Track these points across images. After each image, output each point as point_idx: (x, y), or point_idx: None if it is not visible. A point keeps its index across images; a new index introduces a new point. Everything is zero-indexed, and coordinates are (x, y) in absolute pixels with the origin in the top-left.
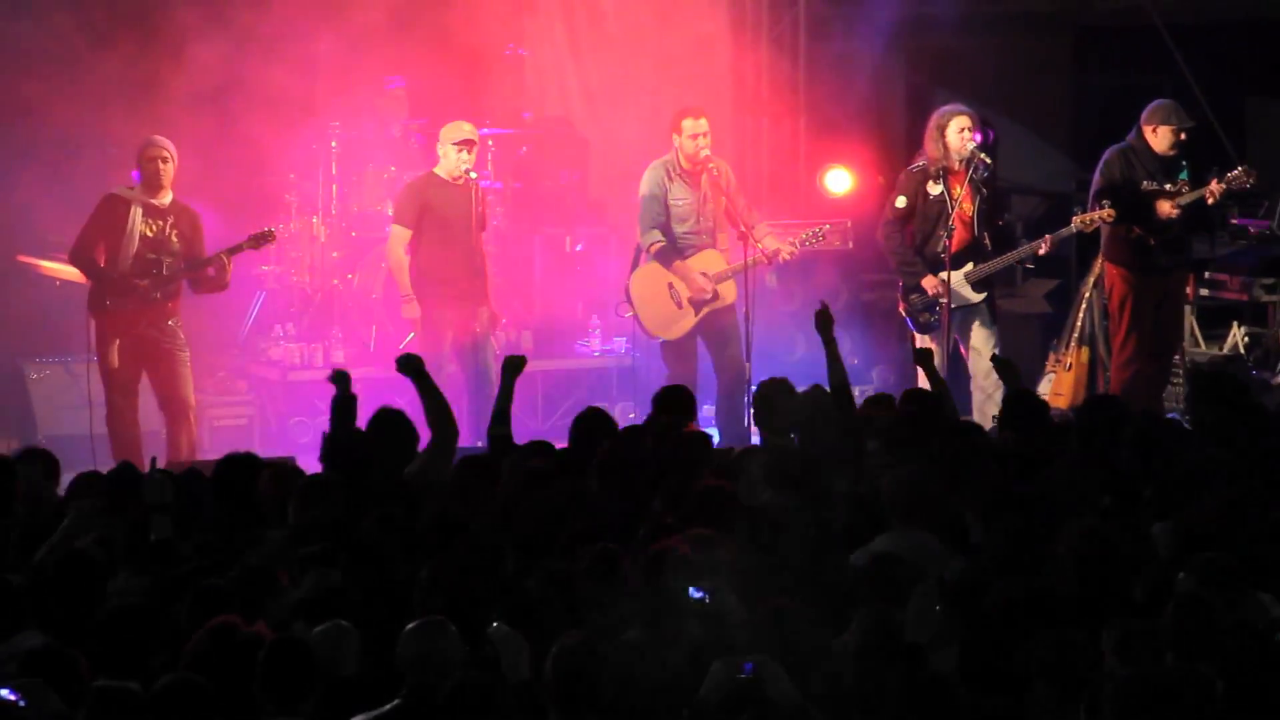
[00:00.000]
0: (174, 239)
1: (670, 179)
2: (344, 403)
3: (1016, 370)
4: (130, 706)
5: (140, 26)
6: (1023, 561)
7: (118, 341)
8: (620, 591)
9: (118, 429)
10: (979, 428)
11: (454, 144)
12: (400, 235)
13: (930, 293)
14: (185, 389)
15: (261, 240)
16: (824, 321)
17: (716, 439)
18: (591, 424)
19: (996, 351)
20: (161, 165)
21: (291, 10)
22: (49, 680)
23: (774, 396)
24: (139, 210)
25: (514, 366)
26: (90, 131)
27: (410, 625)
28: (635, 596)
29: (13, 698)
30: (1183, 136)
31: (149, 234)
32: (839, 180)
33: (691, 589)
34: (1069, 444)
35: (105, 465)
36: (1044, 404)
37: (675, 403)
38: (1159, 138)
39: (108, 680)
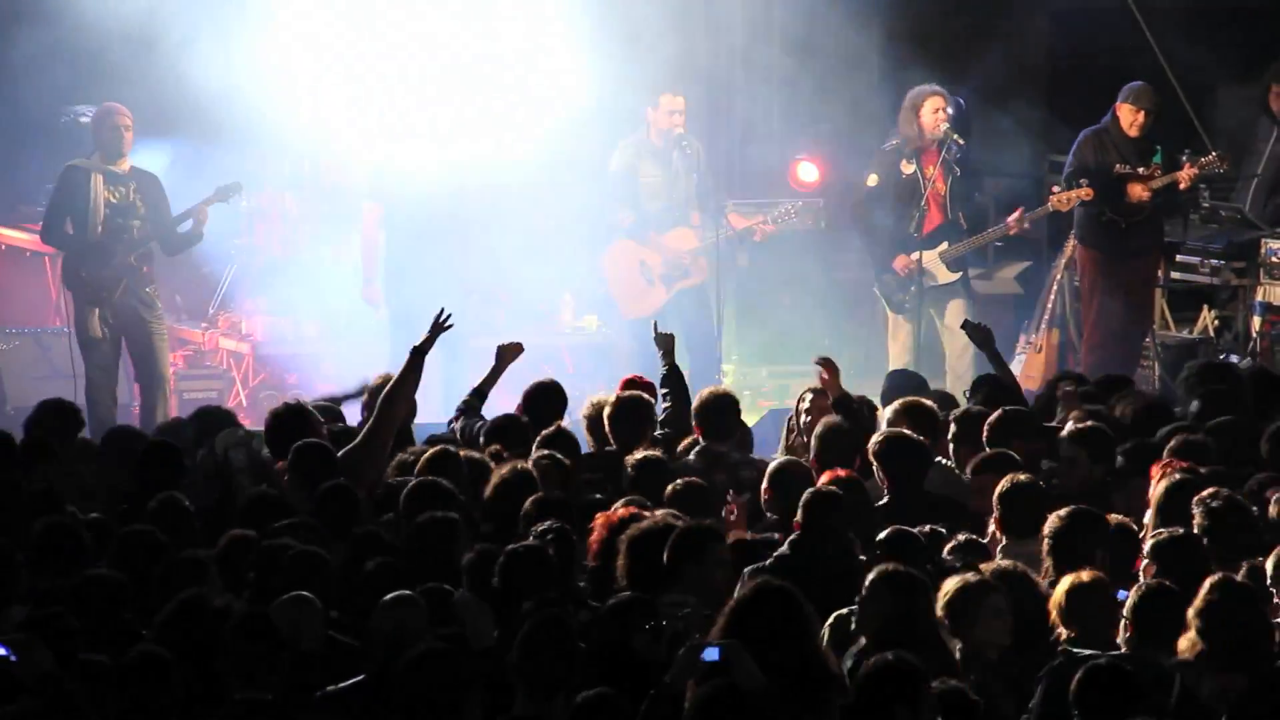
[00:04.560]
0: (139, 203)
1: (640, 156)
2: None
3: (990, 334)
4: (103, 678)
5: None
6: None
7: (96, 311)
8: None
9: (95, 401)
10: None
11: None
12: (370, 211)
13: (901, 273)
14: (162, 361)
15: (228, 192)
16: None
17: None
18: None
19: None
20: (125, 133)
21: None
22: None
23: None
24: (100, 178)
25: (509, 353)
26: (56, 101)
27: (384, 600)
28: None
29: (3, 653)
30: (1141, 116)
31: (114, 200)
32: (808, 171)
33: (706, 651)
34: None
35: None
36: (1014, 382)
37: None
38: (1122, 116)
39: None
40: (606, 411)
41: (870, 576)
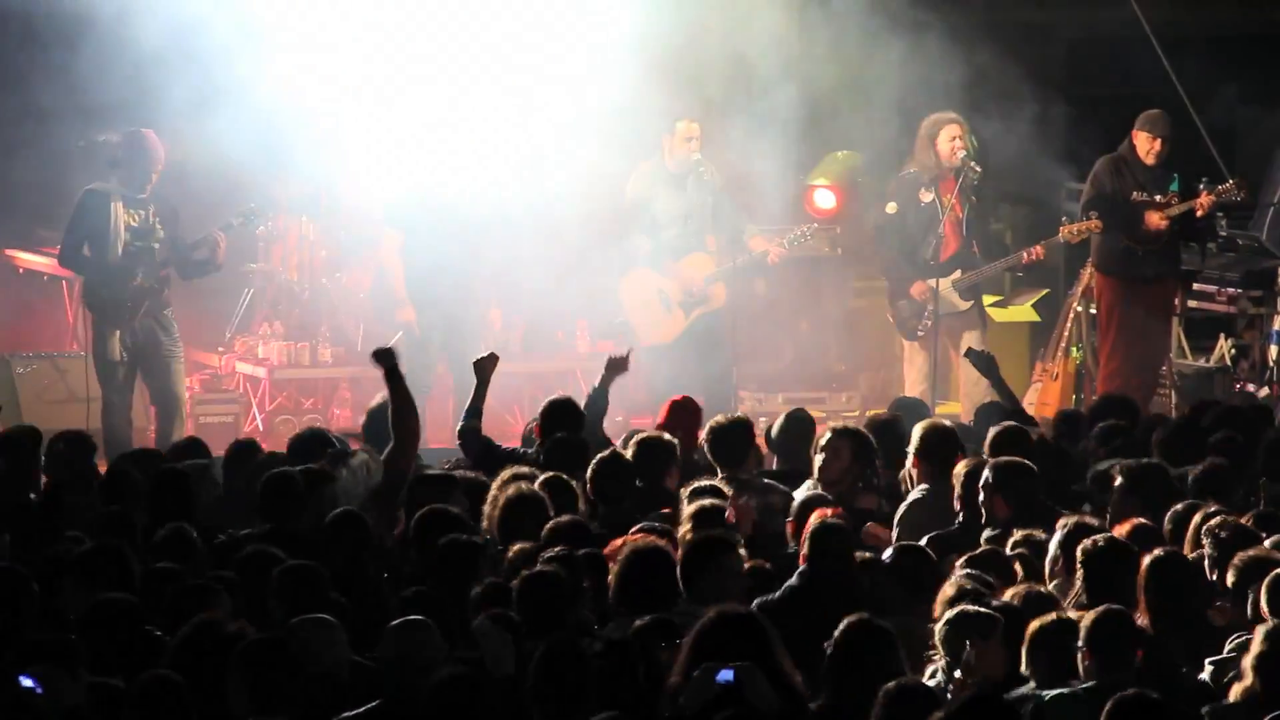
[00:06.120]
0: (158, 227)
1: (657, 183)
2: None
3: (993, 362)
4: (115, 703)
5: (128, 22)
6: None
7: (116, 334)
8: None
9: (112, 425)
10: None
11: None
12: (394, 236)
13: (917, 299)
14: (178, 385)
15: (252, 216)
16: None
17: None
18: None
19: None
20: (154, 173)
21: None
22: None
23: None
24: (120, 203)
25: (485, 367)
26: (75, 123)
27: (392, 624)
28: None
29: (30, 684)
30: (1158, 144)
31: (133, 223)
32: (825, 197)
33: (720, 673)
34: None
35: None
36: (1020, 409)
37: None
38: (1138, 144)
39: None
40: (631, 451)
41: (839, 629)
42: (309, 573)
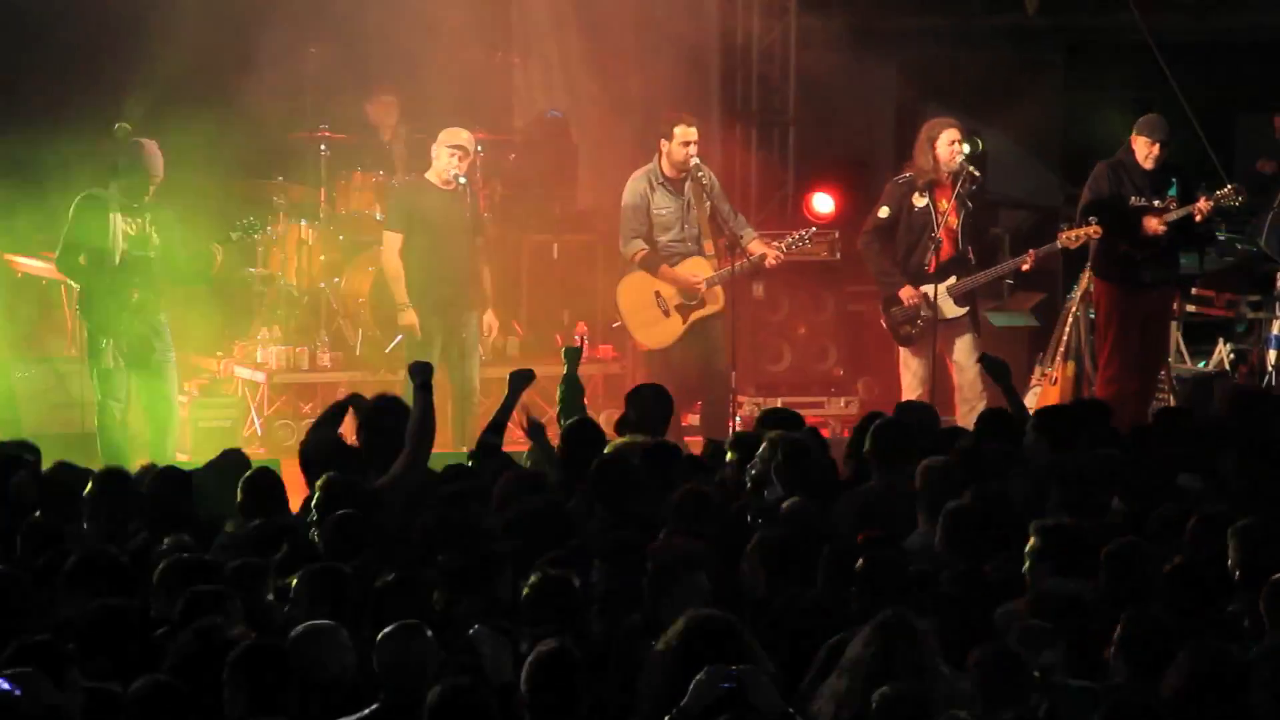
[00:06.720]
0: (154, 235)
1: (652, 188)
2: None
3: (1007, 368)
4: (112, 708)
5: (130, 26)
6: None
7: (110, 342)
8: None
9: (107, 430)
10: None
11: (448, 147)
12: (393, 241)
13: (906, 303)
14: (171, 391)
15: (250, 229)
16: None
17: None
18: (583, 436)
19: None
20: (151, 185)
21: (282, 15)
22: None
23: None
24: (117, 211)
25: (522, 380)
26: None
27: (385, 630)
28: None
29: (7, 687)
30: (1157, 149)
31: (131, 231)
32: (824, 202)
33: (723, 679)
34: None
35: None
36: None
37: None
38: (1137, 149)
39: (92, 682)
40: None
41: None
42: (331, 574)
